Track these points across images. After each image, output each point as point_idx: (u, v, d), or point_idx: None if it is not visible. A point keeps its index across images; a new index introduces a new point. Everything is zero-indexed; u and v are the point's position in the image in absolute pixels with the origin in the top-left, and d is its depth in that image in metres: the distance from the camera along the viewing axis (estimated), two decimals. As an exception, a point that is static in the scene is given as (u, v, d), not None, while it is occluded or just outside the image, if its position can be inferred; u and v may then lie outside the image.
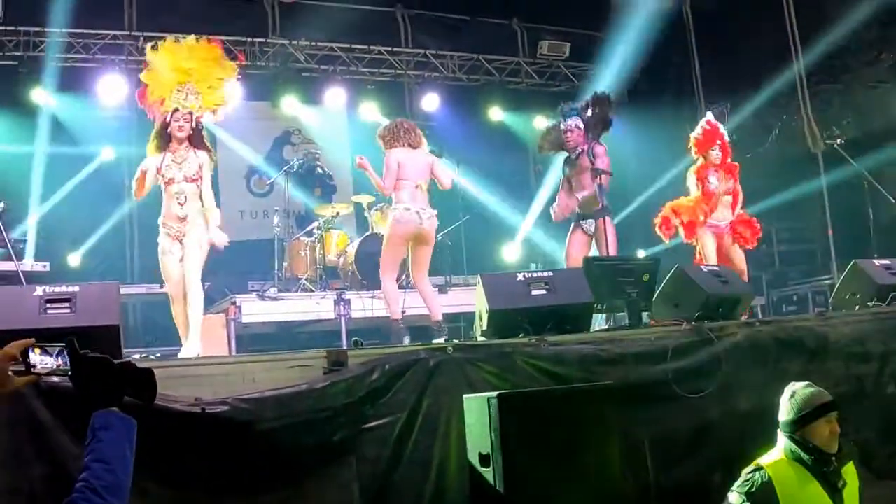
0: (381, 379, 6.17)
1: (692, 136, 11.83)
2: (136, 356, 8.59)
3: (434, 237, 10.32)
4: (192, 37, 9.51)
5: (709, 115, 12.09)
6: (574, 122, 11.65)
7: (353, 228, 16.17)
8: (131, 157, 15.48)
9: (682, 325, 7.57)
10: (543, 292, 7.79)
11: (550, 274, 8.15)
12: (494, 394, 5.53)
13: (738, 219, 11.71)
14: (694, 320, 7.68)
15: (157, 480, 5.28)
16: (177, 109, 9.16)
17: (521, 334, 7.32)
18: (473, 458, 5.68)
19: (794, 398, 5.68)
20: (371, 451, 6.05)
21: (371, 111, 17.29)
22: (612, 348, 7.10)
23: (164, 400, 5.25)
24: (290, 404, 5.83)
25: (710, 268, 9.12)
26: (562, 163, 11.88)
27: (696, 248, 11.51)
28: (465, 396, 5.93)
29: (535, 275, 8.16)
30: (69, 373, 3.30)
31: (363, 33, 17.66)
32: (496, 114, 18.54)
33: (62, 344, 3.32)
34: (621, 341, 7.30)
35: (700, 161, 11.67)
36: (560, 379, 6.65)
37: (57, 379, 4.74)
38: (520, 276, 8.01)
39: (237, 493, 5.61)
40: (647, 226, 11.82)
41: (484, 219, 16.84)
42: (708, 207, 11.37)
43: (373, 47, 17.74)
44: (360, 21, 17.67)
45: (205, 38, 9.57)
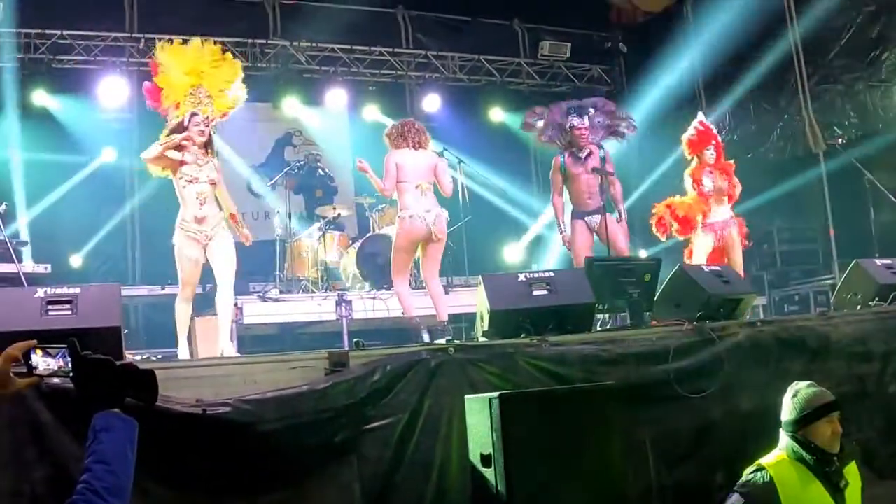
0: (383, 380, 6.16)
1: (684, 138, 11.83)
2: (138, 358, 8.60)
3: (444, 233, 10.26)
4: (196, 39, 9.51)
5: (700, 116, 12.08)
6: (586, 120, 11.72)
7: (354, 229, 16.17)
8: (133, 159, 15.51)
9: (684, 325, 7.55)
10: (545, 292, 7.79)
11: (552, 274, 8.15)
12: (496, 394, 5.52)
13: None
14: (695, 320, 7.67)
15: (159, 481, 5.28)
16: (195, 113, 9.14)
17: (522, 335, 7.32)
18: (475, 458, 5.67)
19: (796, 398, 5.68)
20: (372, 451, 6.05)
21: (373, 112, 17.30)
22: (613, 348, 7.10)
23: (165, 401, 5.25)
24: (292, 405, 5.83)
25: (712, 268, 9.10)
26: (563, 160, 11.83)
27: (688, 247, 11.54)
28: (467, 397, 5.92)
29: (536, 275, 8.15)
30: (71, 374, 3.30)
31: (364, 34, 17.65)
32: (497, 114, 18.52)
33: (64, 345, 3.32)
34: (623, 341, 7.30)
35: (694, 162, 11.67)
36: (562, 379, 6.65)
37: (58, 380, 4.76)
38: (521, 277, 8.01)
39: (239, 494, 5.61)
40: (647, 226, 11.81)
41: (485, 220, 16.81)
42: (706, 209, 11.38)
43: (374, 48, 17.72)
44: (361, 22, 17.66)
45: (209, 41, 9.58)
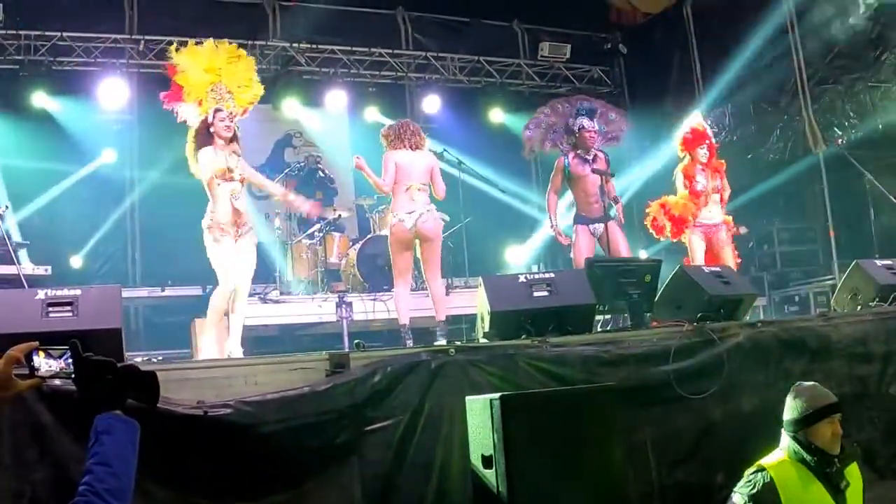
0: (384, 381, 6.17)
1: (678, 135, 11.86)
2: (138, 359, 8.60)
3: (437, 233, 10.23)
4: (210, 40, 9.55)
5: (697, 115, 12.10)
6: (595, 122, 11.74)
7: (354, 231, 16.17)
8: (133, 160, 15.52)
9: (684, 326, 7.55)
10: (545, 294, 7.79)
11: (552, 275, 8.16)
12: (497, 395, 5.52)
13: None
14: (696, 321, 7.67)
15: (161, 483, 5.29)
16: (219, 109, 9.17)
17: (523, 336, 7.33)
18: (476, 459, 5.67)
19: (798, 398, 5.68)
20: (373, 452, 6.06)
21: (373, 114, 17.30)
22: (614, 349, 7.10)
23: (166, 402, 5.26)
24: (293, 407, 5.83)
25: (712, 268, 9.10)
26: (567, 162, 11.84)
27: (688, 249, 11.57)
28: (468, 398, 5.92)
29: (536, 276, 8.18)
30: (72, 376, 3.30)
31: (364, 35, 17.67)
32: (497, 115, 18.50)
33: (65, 347, 3.32)
34: (623, 342, 7.30)
35: (687, 160, 11.68)
36: (562, 380, 6.65)
37: (59, 382, 4.76)
38: (521, 278, 8.01)
39: (240, 496, 5.61)
40: (644, 225, 11.82)
41: (485, 221, 16.81)
42: (696, 207, 11.40)
43: (374, 49, 17.71)
44: (361, 23, 17.71)
45: (222, 42, 9.62)
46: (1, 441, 5.09)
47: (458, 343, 7.21)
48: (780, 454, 5.68)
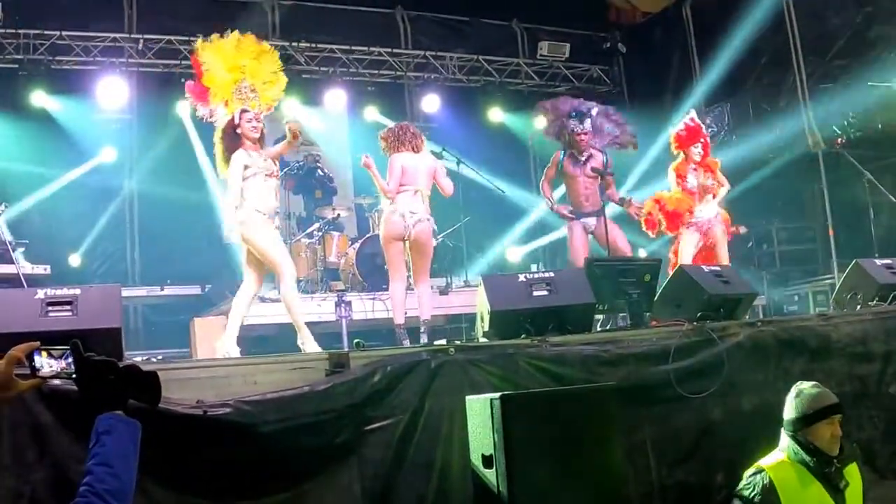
0: (383, 380, 6.16)
1: (672, 132, 11.84)
2: (138, 359, 8.59)
3: (428, 244, 10.29)
4: (235, 33, 9.57)
5: (692, 113, 12.08)
6: (588, 124, 11.76)
7: (353, 230, 16.15)
8: (132, 159, 15.52)
9: (684, 325, 7.54)
10: (545, 293, 7.78)
11: (552, 274, 8.14)
12: (497, 395, 5.51)
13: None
14: (695, 320, 7.66)
15: (160, 483, 5.28)
16: (246, 110, 9.17)
17: (522, 335, 7.32)
18: (476, 459, 5.67)
19: (799, 397, 5.69)
20: (373, 452, 6.04)
21: (372, 113, 17.30)
22: (613, 349, 7.08)
23: (166, 402, 5.24)
24: (292, 406, 5.82)
25: (712, 268, 9.09)
26: (561, 158, 11.92)
27: (674, 245, 11.58)
28: (468, 398, 5.91)
29: (536, 275, 8.16)
30: (73, 376, 3.30)
31: (363, 35, 17.69)
32: (496, 115, 18.50)
33: (66, 347, 3.31)
34: (623, 342, 7.28)
35: (680, 158, 11.68)
36: (562, 380, 6.64)
37: (59, 382, 4.75)
38: (521, 277, 7.99)
39: (239, 495, 5.60)
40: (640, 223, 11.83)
41: (484, 220, 16.81)
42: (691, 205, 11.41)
43: (373, 49, 17.72)
44: (361, 22, 17.73)
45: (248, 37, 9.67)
46: (1, 441, 5.08)
47: (457, 342, 7.20)
48: (780, 454, 5.68)
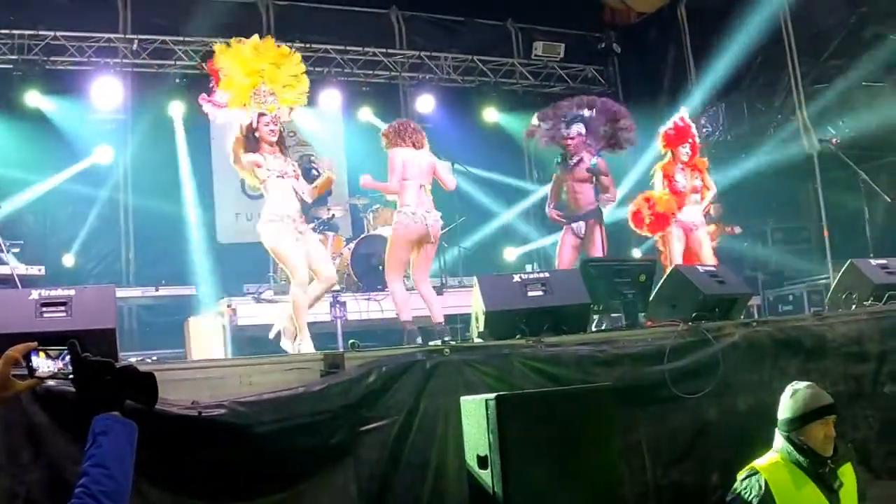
0: (379, 381, 6.16)
1: (661, 130, 11.81)
2: (133, 359, 8.58)
3: (438, 236, 10.29)
4: (255, 36, 9.52)
5: (682, 112, 12.05)
6: (577, 128, 11.71)
7: (348, 230, 16.14)
8: (126, 160, 15.50)
9: (679, 325, 7.55)
10: (540, 293, 7.77)
11: (547, 275, 8.15)
12: (492, 395, 5.50)
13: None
14: (691, 321, 7.66)
15: (156, 484, 5.27)
16: (263, 114, 9.20)
17: (517, 335, 7.31)
18: (471, 459, 5.67)
19: (794, 397, 5.68)
20: (369, 453, 6.04)
21: (366, 114, 17.31)
22: (609, 349, 7.09)
23: (161, 403, 5.22)
24: (288, 407, 5.82)
25: (707, 268, 9.10)
26: (555, 162, 11.95)
27: (661, 247, 11.58)
28: (463, 398, 5.91)
29: (531, 276, 8.16)
30: (70, 376, 3.29)
31: (358, 35, 17.69)
32: (491, 115, 18.53)
33: (64, 347, 3.31)
34: (618, 342, 7.28)
35: (668, 157, 11.66)
36: (557, 380, 6.64)
37: (55, 382, 4.75)
38: (516, 278, 7.99)
39: (234, 496, 5.60)
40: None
41: (479, 220, 16.83)
42: (675, 208, 11.40)
43: (368, 49, 17.73)
44: (355, 23, 17.73)
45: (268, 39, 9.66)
46: (-4, 442, 5.08)
47: (453, 343, 7.20)
48: (774, 455, 5.67)
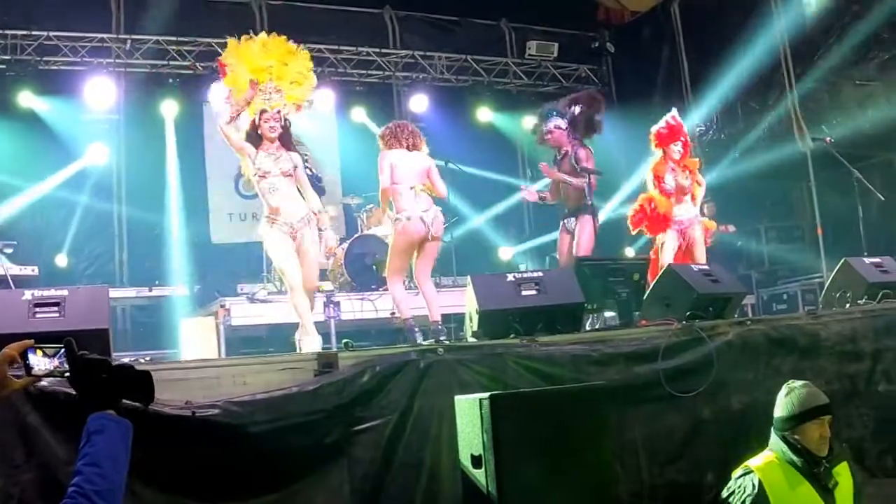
0: (373, 381, 6.15)
1: (653, 129, 11.78)
2: (126, 360, 8.57)
3: (441, 234, 10.19)
4: (262, 33, 9.64)
5: (673, 111, 12.03)
6: (553, 122, 11.69)
7: (341, 230, 16.13)
8: (120, 160, 15.48)
9: (673, 324, 7.54)
10: (534, 293, 7.79)
11: (540, 274, 8.16)
12: (486, 395, 5.50)
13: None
14: (685, 319, 7.66)
15: (149, 485, 5.26)
16: (264, 111, 9.26)
17: (511, 335, 7.31)
18: (465, 459, 5.66)
19: (789, 396, 5.68)
20: (362, 452, 6.04)
21: (360, 114, 17.30)
22: (603, 348, 7.08)
23: (154, 403, 5.21)
24: (281, 407, 5.81)
25: (701, 267, 9.10)
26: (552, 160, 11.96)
27: (654, 247, 11.56)
28: (457, 397, 5.90)
29: (525, 275, 8.18)
30: (66, 374, 3.28)
31: (351, 35, 17.66)
32: (485, 114, 18.52)
33: (60, 345, 3.30)
34: (612, 341, 7.28)
35: (659, 157, 11.63)
36: (552, 379, 6.64)
37: (47, 382, 4.74)
38: (510, 277, 8.01)
39: (228, 497, 5.59)
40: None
41: (473, 220, 16.84)
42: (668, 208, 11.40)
43: (361, 49, 17.70)
44: (349, 22, 17.71)
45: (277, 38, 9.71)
46: (-12, 442, 5.07)
47: (446, 342, 7.20)
48: (769, 454, 5.67)
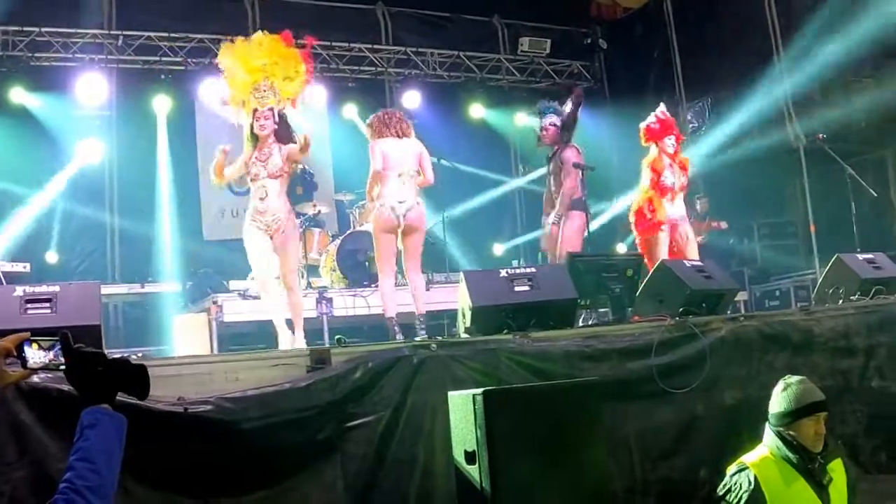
0: (366, 377, 6.15)
1: (642, 126, 11.77)
2: (118, 356, 8.56)
3: (421, 225, 10.21)
4: (258, 33, 9.76)
5: (661, 106, 12.03)
6: (549, 119, 11.72)
7: (334, 226, 16.12)
8: (112, 156, 15.44)
9: (666, 320, 7.55)
10: (527, 288, 7.79)
11: (533, 270, 8.16)
12: (479, 390, 5.49)
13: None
14: (678, 315, 7.67)
15: (141, 481, 5.25)
16: (256, 109, 9.45)
17: (504, 331, 7.31)
18: (459, 454, 5.65)
19: (785, 392, 5.67)
20: (356, 448, 6.03)
21: (351, 111, 17.26)
22: (596, 344, 7.09)
23: (147, 399, 5.21)
24: (274, 403, 5.81)
25: (694, 263, 9.12)
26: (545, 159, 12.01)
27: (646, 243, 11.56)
28: (450, 393, 5.90)
29: (518, 271, 8.16)
30: (61, 367, 3.27)
31: (344, 31, 17.64)
32: (477, 111, 18.49)
33: (56, 338, 3.28)
34: (605, 337, 7.29)
35: (654, 152, 11.61)
36: (545, 375, 6.64)
37: (40, 378, 4.72)
38: (503, 273, 8.01)
39: (221, 493, 5.58)
40: (627, 222, 11.82)
41: (465, 216, 16.82)
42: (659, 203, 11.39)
43: (353, 45, 17.68)
44: (341, 18, 17.68)
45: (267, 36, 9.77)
46: (-19, 439, 5.06)
47: (439, 338, 7.20)
48: (763, 450, 5.66)
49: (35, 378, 4.71)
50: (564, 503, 5.50)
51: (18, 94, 14.85)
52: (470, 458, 5.48)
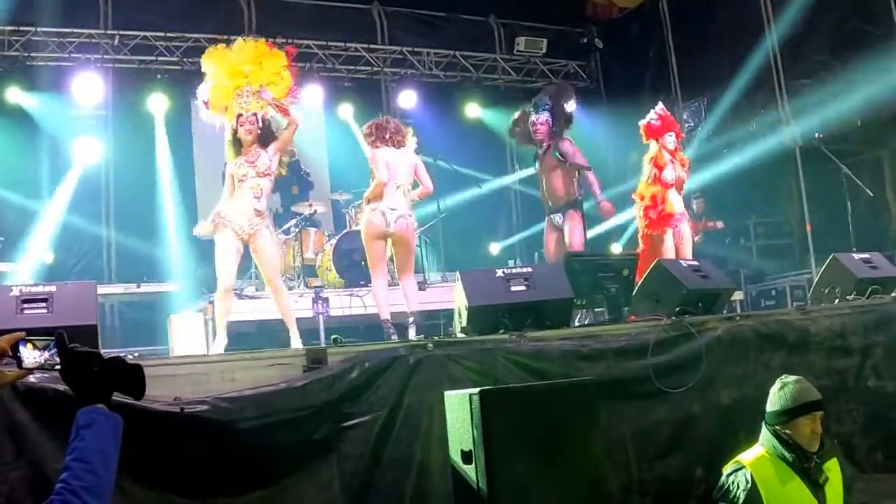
0: (362, 376, 6.15)
1: (642, 123, 11.79)
2: (114, 356, 8.55)
3: (410, 238, 10.31)
4: (239, 38, 9.87)
5: (660, 104, 12.04)
6: (544, 116, 11.76)
7: (330, 226, 16.11)
8: (108, 156, 15.42)
9: (663, 320, 7.55)
10: (523, 288, 7.79)
11: (530, 270, 8.16)
12: (476, 390, 5.48)
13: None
14: (674, 315, 7.67)
15: (138, 481, 5.25)
16: (240, 115, 9.42)
17: (500, 330, 7.31)
18: (455, 454, 5.64)
19: (782, 391, 5.67)
20: (352, 448, 6.03)
21: (347, 111, 17.24)
22: (592, 344, 7.09)
23: (143, 399, 5.21)
24: (270, 403, 5.80)
25: (690, 262, 9.13)
26: (533, 157, 12.05)
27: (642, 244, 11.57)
28: (446, 393, 5.89)
29: (514, 271, 8.16)
30: (57, 367, 3.26)
31: (340, 30, 17.63)
32: (473, 110, 18.48)
33: (51, 338, 3.28)
34: (602, 337, 7.27)
35: (655, 148, 11.63)
36: (541, 375, 6.64)
37: (36, 378, 4.72)
38: (499, 273, 8.00)
39: (217, 493, 5.58)
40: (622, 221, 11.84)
41: (461, 216, 16.81)
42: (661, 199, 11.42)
43: (349, 44, 17.66)
44: (337, 18, 17.68)
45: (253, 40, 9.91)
46: (-24, 440, 5.05)
47: (436, 338, 7.20)
48: (759, 449, 5.67)
49: (31, 378, 4.71)
50: (561, 503, 5.50)
51: (14, 94, 14.84)
52: (466, 457, 5.47)
